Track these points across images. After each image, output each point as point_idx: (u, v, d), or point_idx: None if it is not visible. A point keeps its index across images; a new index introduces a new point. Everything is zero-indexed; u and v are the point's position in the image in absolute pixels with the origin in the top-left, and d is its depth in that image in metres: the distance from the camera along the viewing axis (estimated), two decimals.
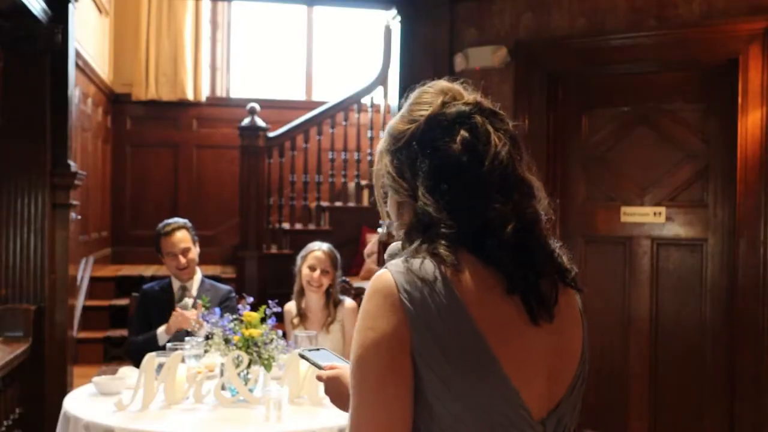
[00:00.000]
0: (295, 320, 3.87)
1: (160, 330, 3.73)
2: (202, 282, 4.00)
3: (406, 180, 1.33)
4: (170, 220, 4.07)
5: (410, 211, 1.32)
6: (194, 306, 3.69)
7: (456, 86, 1.40)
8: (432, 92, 1.40)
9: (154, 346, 3.63)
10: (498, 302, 1.25)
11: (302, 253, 3.92)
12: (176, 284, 3.98)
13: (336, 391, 1.50)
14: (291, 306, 3.92)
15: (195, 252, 3.99)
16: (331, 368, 1.54)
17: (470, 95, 1.38)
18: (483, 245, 1.26)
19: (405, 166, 1.33)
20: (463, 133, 1.31)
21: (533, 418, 1.26)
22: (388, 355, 1.22)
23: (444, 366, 1.21)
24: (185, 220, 4.07)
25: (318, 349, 1.71)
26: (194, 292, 3.95)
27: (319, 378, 1.55)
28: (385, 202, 1.40)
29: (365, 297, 1.27)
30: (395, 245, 1.37)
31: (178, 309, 3.70)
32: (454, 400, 1.22)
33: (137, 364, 3.24)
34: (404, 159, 1.34)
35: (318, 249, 3.88)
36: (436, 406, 1.22)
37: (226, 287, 4.09)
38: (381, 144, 1.40)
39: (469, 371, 1.22)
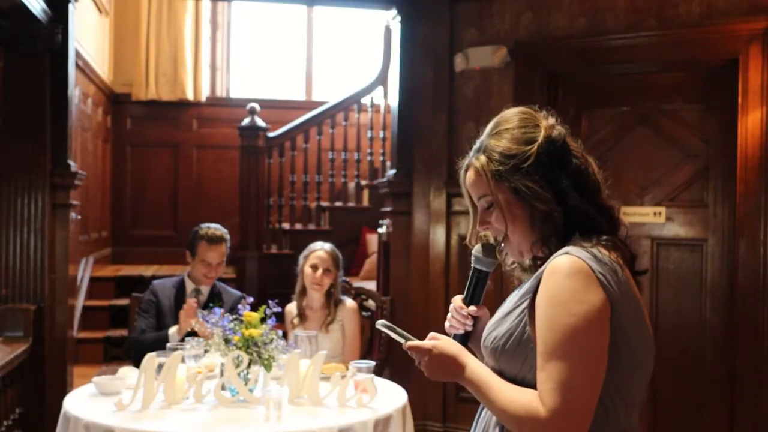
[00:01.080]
0: (295, 320, 3.88)
1: (173, 330, 3.65)
2: (214, 285, 3.98)
3: (548, 191, 1.55)
4: (216, 227, 3.95)
5: (553, 216, 1.55)
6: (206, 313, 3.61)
7: (529, 110, 1.67)
8: (527, 117, 1.64)
9: (165, 345, 3.59)
10: (634, 285, 1.54)
11: (304, 252, 3.92)
12: (190, 286, 3.92)
13: (443, 363, 1.61)
14: (292, 307, 3.92)
15: (223, 265, 3.98)
16: (433, 338, 1.64)
17: (546, 118, 1.66)
18: (614, 244, 1.54)
19: (544, 179, 1.56)
20: (573, 150, 1.62)
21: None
22: (600, 324, 1.44)
23: (628, 337, 1.47)
24: (226, 231, 3.99)
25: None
26: (206, 295, 3.93)
27: (417, 348, 1.62)
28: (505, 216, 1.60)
29: (560, 275, 1.47)
30: (479, 247, 1.71)
31: (182, 313, 3.63)
32: (631, 366, 1.48)
33: (137, 363, 3.24)
34: (540, 173, 1.56)
35: (320, 248, 3.88)
36: (616, 370, 1.46)
37: (237, 292, 4.05)
38: (493, 167, 1.60)
39: (641, 342, 1.50)
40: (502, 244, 1.66)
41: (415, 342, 1.64)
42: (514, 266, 1.72)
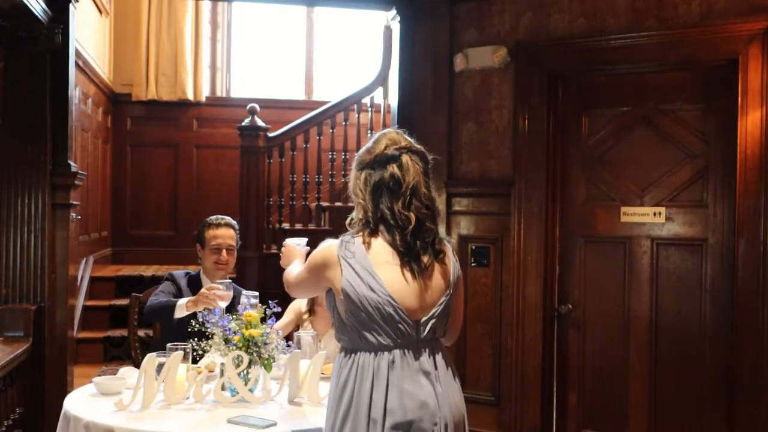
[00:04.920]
0: (305, 315, 3.87)
1: (182, 302, 3.58)
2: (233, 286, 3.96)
3: (361, 190, 2.41)
4: (220, 216, 4.00)
5: (360, 207, 2.43)
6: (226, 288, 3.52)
7: (398, 136, 2.44)
8: (382, 138, 2.43)
9: (169, 313, 3.56)
10: (391, 264, 2.34)
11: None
12: (207, 285, 3.91)
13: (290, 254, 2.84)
14: (301, 301, 3.92)
15: (234, 256, 3.95)
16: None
17: (406, 142, 2.42)
18: (391, 233, 2.35)
19: (361, 182, 2.42)
20: (392, 166, 2.37)
21: (409, 318, 2.33)
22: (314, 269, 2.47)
23: (360, 286, 2.32)
24: (234, 222, 4.00)
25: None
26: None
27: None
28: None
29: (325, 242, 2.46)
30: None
31: (205, 289, 3.52)
32: (363, 305, 2.31)
33: (148, 323, 3.51)
34: (362, 177, 2.42)
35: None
36: (349, 297, 2.32)
37: (252, 293, 4.02)
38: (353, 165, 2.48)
39: (368, 281, 2.32)
40: None
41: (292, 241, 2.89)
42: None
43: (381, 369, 2.29)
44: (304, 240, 2.91)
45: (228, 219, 4.01)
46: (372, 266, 2.31)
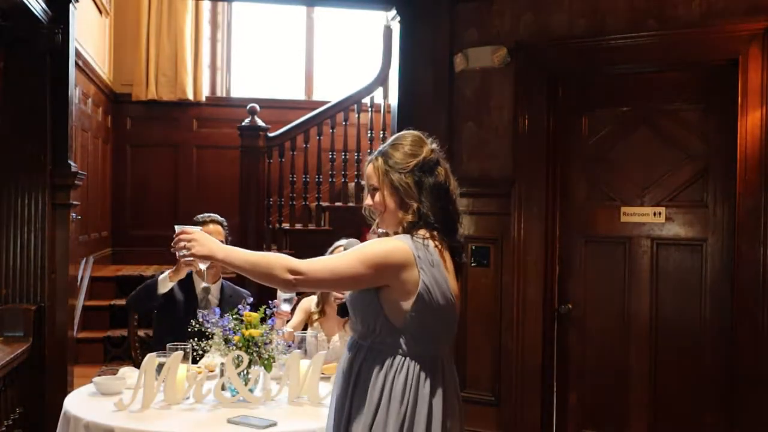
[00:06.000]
0: (315, 316, 3.86)
1: (163, 276, 3.71)
2: (223, 286, 3.97)
3: (414, 191, 2.29)
4: (207, 214, 4.06)
5: (411, 209, 2.30)
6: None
7: (423, 136, 2.41)
8: (418, 140, 2.38)
9: (153, 290, 3.70)
10: (452, 270, 2.33)
11: (330, 249, 3.91)
12: (199, 285, 3.91)
13: (208, 240, 2.31)
14: (311, 301, 3.92)
15: None
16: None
17: (432, 143, 2.39)
18: (450, 235, 2.34)
19: (413, 183, 2.30)
20: (440, 169, 2.34)
21: (457, 311, 2.35)
22: (374, 265, 2.23)
23: (436, 292, 2.25)
24: (221, 218, 4.04)
25: None
26: (216, 294, 3.92)
27: (186, 231, 2.31)
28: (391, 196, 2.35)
29: (387, 238, 2.32)
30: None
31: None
32: (435, 312, 2.25)
33: (140, 312, 3.66)
34: (411, 179, 2.30)
35: (346, 245, 3.87)
36: (423, 303, 2.23)
37: (245, 291, 4.04)
38: (381, 163, 2.35)
39: (442, 289, 2.26)
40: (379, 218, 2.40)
41: (186, 228, 2.36)
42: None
43: (436, 378, 2.26)
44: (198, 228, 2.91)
45: (215, 216, 4.02)
46: (445, 273, 2.29)
